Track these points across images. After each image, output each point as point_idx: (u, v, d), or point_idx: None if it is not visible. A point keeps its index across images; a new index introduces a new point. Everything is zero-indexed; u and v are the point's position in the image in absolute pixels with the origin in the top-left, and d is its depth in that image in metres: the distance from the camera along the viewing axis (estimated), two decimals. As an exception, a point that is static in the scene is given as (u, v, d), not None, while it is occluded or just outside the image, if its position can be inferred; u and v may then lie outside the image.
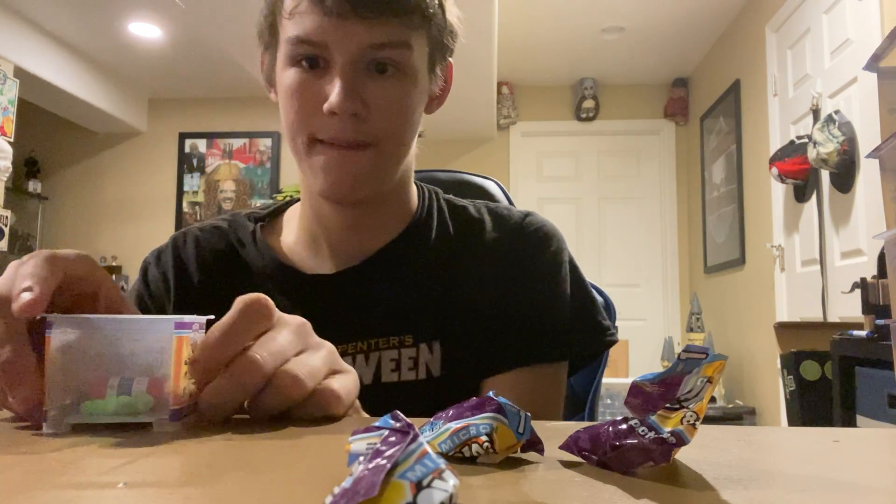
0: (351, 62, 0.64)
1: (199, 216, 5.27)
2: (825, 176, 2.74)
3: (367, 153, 0.66)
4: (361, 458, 0.25)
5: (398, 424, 0.27)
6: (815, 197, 2.85)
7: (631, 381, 0.35)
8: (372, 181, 0.68)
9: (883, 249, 1.74)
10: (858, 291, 1.81)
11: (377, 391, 0.69)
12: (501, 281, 0.74)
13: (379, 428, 0.28)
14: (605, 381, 1.08)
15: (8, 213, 3.78)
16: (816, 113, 2.80)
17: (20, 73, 3.87)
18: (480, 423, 0.35)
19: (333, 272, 0.74)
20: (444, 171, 1.06)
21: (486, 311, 0.73)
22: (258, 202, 5.18)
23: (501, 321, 0.72)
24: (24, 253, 5.49)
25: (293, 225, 0.79)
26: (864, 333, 1.73)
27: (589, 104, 4.86)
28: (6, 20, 3.82)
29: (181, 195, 5.29)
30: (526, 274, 0.75)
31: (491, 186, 1.06)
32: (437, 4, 0.67)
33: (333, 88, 0.63)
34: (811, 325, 2.50)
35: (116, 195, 5.32)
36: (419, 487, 0.23)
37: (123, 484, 0.31)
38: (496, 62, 3.76)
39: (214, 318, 0.51)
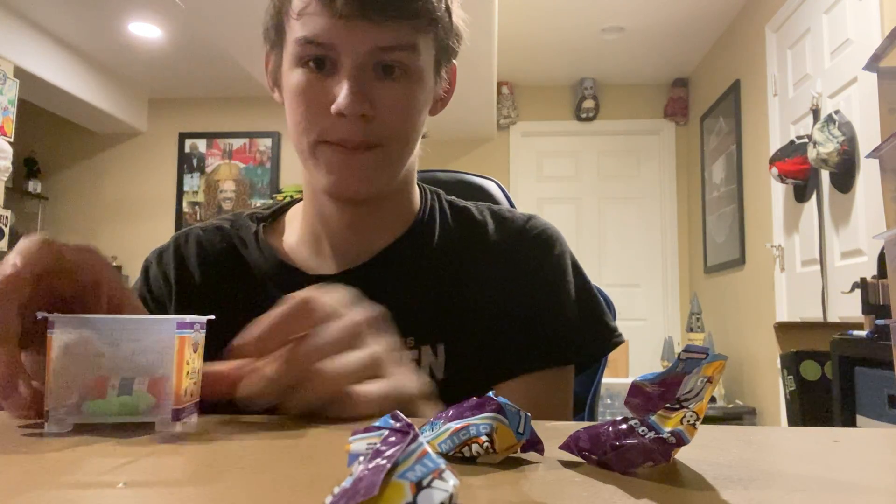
0: (359, 64, 0.64)
1: (199, 216, 5.27)
2: (825, 176, 2.73)
3: (373, 153, 0.66)
4: (361, 458, 0.25)
5: (398, 424, 0.27)
6: (815, 197, 2.85)
7: (631, 381, 0.35)
8: (378, 180, 0.69)
9: (883, 249, 1.74)
10: (858, 291, 1.81)
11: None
12: (506, 284, 0.74)
13: (379, 428, 0.28)
14: (605, 381, 1.08)
15: (8, 213, 3.78)
16: (816, 113, 2.80)
17: (20, 73, 3.87)
18: (480, 423, 0.35)
19: (336, 272, 0.74)
20: (444, 171, 1.06)
21: (490, 314, 0.72)
22: (258, 202, 5.18)
23: (507, 325, 0.72)
24: (24, 253, 5.52)
25: (295, 225, 0.79)
26: (864, 333, 1.73)
27: (589, 104, 4.86)
28: (6, 20, 3.82)
29: (181, 195, 5.29)
30: (531, 277, 0.75)
31: (491, 187, 1.06)
32: (444, 8, 0.67)
33: (341, 90, 0.63)
34: (811, 325, 2.50)
35: (116, 195, 5.32)
36: (419, 487, 0.23)
37: (123, 484, 0.31)
38: (496, 62, 3.76)
39: (215, 318, 0.51)
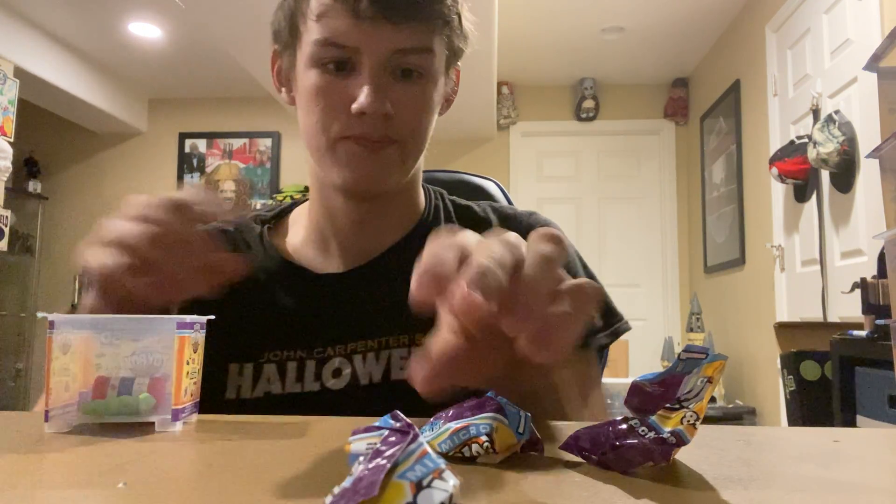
0: (379, 64, 0.65)
1: (199, 216, 5.26)
2: (825, 176, 2.73)
3: (390, 149, 0.68)
4: (361, 458, 0.25)
5: (398, 424, 0.27)
6: (815, 197, 2.85)
7: (631, 381, 0.35)
8: (393, 175, 0.70)
9: (883, 249, 1.74)
10: (858, 291, 1.81)
11: (387, 389, 0.69)
12: None
13: (379, 428, 0.28)
14: (604, 381, 1.08)
15: (8, 213, 3.78)
16: (816, 113, 2.80)
17: (20, 73, 3.87)
18: (480, 423, 0.35)
19: (343, 271, 0.74)
20: (444, 171, 1.06)
21: None
22: (258, 202, 5.18)
23: None
24: (24, 253, 5.46)
25: (300, 226, 0.79)
26: (864, 333, 1.73)
27: (589, 104, 4.86)
28: (6, 20, 3.82)
29: (181, 195, 5.29)
30: None
31: (491, 187, 1.06)
32: (455, 10, 0.69)
33: (361, 90, 0.64)
34: (811, 325, 2.50)
35: (116, 195, 5.31)
36: (419, 487, 0.23)
37: (123, 484, 0.31)
38: (496, 62, 3.75)
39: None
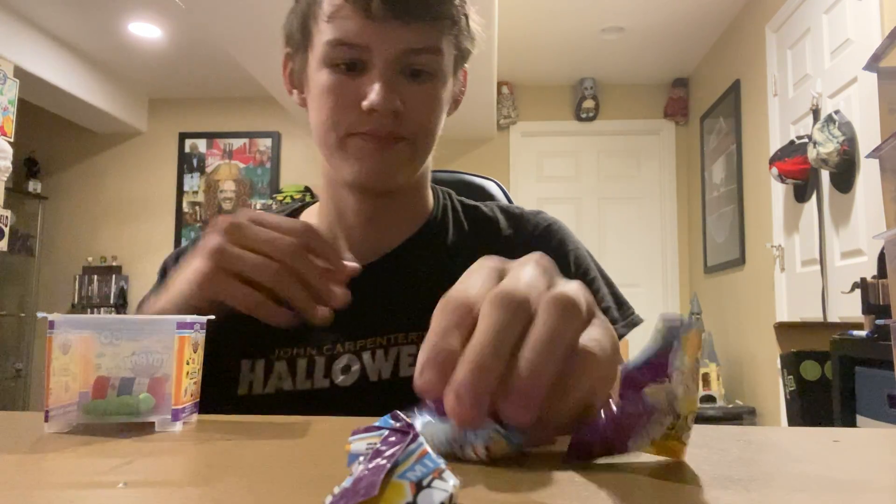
0: (389, 63, 0.66)
1: (199, 216, 5.27)
2: (825, 176, 2.73)
3: (400, 146, 0.69)
4: (361, 458, 0.25)
5: (398, 424, 0.27)
6: (815, 197, 2.85)
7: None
8: (402, 172, 0.72)
9: (883, 249, 1.74)
10: (858, 291, 1.82)
11: (396, 386, 0.70)
12: None
13: (379, 428, 0.28)
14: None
15: (8, 213, 3.78)
16: (816, 113, 2.80)
17: (20, 73, 3.87)
18: (478, 433, 0.34)
19: None
20: (444, 171, 1.06)
21: None
22: (258, 202, 5.19)
23: None
24: (24, 253, 5.45)
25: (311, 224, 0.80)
26: (864, 333, 1.73)
27: (589, 104, 4.86)
28: (6, 20, 3.82)
29: (181, 195, 5.29)
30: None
31: (491, 187, 1.06)
32: (463, 12, 0.71)
33: (372, 87, 0.65)
34: (811, 325, 2.50)
35: (116, 195, 5.32)
36: (419, 487, 0.23)
37: (123, 484, 0.31)
38: (496, 62, 3.75)
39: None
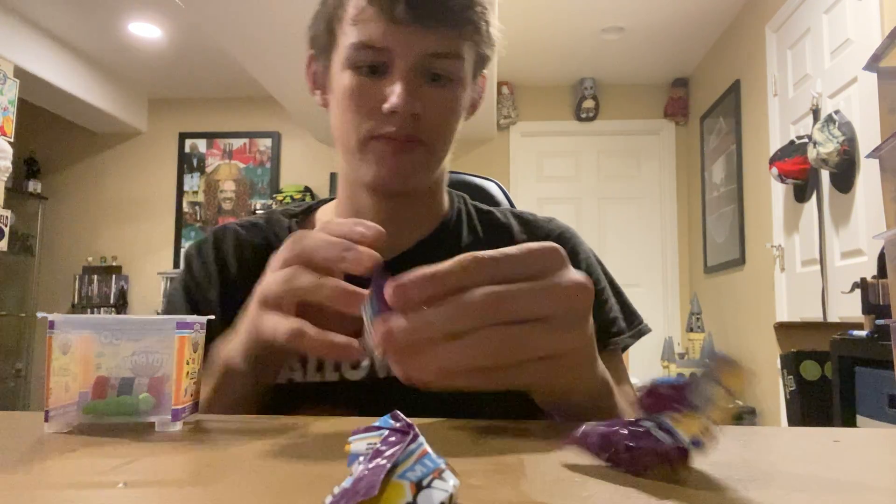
0: (411, 67, 0.68)
1: (199, 216, 5.27)
2: (825, 176, 2.73)
3: (419, 150, 0.71)
4: (361, 458, 0.25)
5: (398, 424, 0.27)
6: (815, 197, 2.85)
7: (633, 381, 0.35)
8: (420, 175, 0.73)
9: (883, 249, 1.74)
10: (858, 291, 1.81)
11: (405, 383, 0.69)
12: None
13: (379, 428, 0.28)
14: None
15: (8, 213, 3.78)
16: (816, 113, 2.80)
17: (20, 73, 3.87)
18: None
19: None
20: (444, 171, 1.06)
21: None
22: (258, 202, 5.19)
23: None
24: (24, 253, 5.45)
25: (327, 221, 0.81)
26: (864, 333, 1.73)
27: (589, 104, 4.86)
28: (6, 20, 3.82)
29: (181, 195, 5.29)
30: None
31: (491, 187, 1.06)
32: (485, 18, 0.72)
33: (394, 90, 0.67)
34: (811, 325, 2.50)
35: (116, 195, 5.32)
36: (419, 487, 0.23)
37: (123, 484, 0.31)
38: (496, 62, 3.75)
39: (214, 318, 0.51)
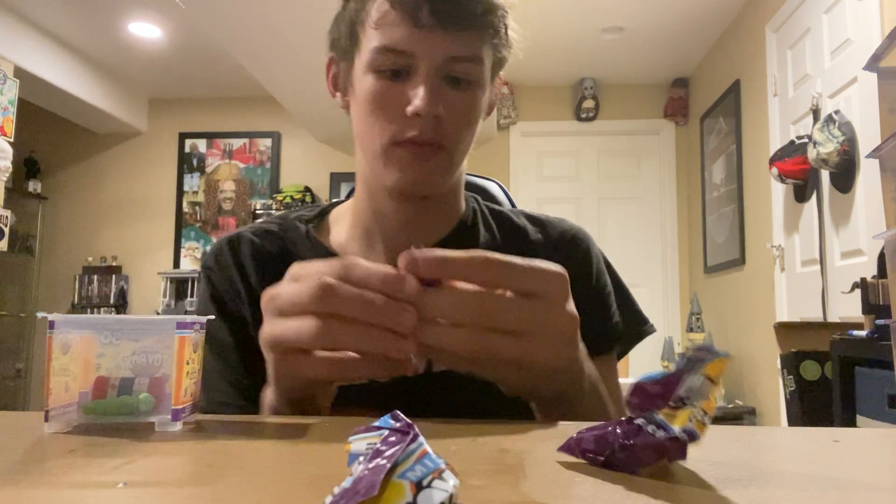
0: (433, 70, 0.69)
1: (199, 216, 5.27)
2: (825, 176, 2.73)
3: (440, 154, 0.72)
4: (361, 458, 0.25)
5: (398, 424, 0.27)
6: (815, 197, 2.85)
7: (630, 380, 0.35)
8: (441, 179, 0.75)
9: (883, 249, 1.74)
10: (858, 291, 1.81)
11: (428, 380, 0.70)
12: None
13: (379, 428, 0.28)
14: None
15: (8, 213, 3.78)
16: (816, 113, 2.80)
17: (20, 73, 3.87)
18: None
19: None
20: (444, 171, 1.05)
21: None
22: (258, 202, 5.19)
23: None
24: (24, 253, 5.46)
25: (343, 224, 0.82)
26: (864, 333, 1.73)
27: (589, 104, 4.85)
28: (6, 20, 3.82)
29: (181, 195, 5.29)
30: (576, 277, 0.81)
31: (492, 188, 1.06)
32: (504, 21, 0.73)
33: (417, 93, 0.68)
34: (811, 325, 2.50)
35: (116, 195, 5.32)
36: (419, 487, 0.23)
37: (123, 484, 0.31)
38: (497, 62, 3.75)
39: (214, 318, 0.51)
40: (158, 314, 4.93)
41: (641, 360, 4.49)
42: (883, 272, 1.80)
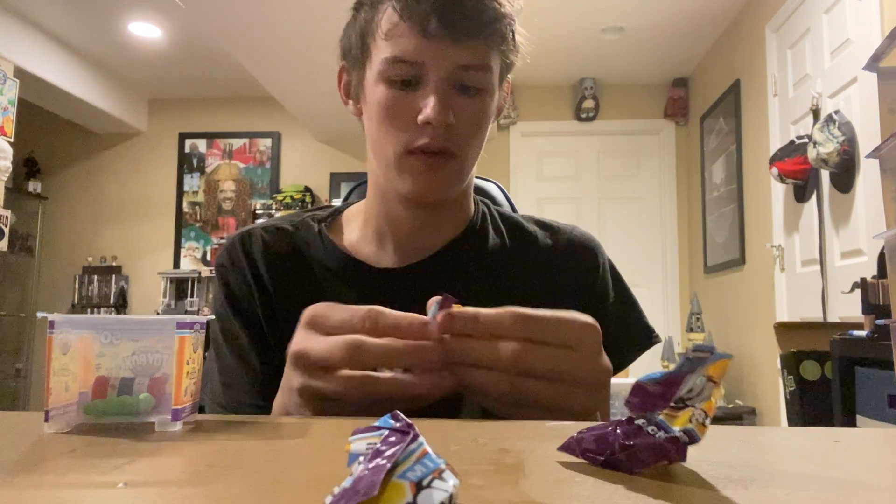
0: (443, 79, 0.70)
1: (199, 216, 5.27)
2: (825, 176, 2.73)
3: (451, 162, 0.74)
4: (361, 458, 0.25)
5: (398, 424, 0.27)
6: (815, 197, 2.85)
7: (631, 380, 0.35)
8: (452, 186, 0.77)
9: (883, 249, 1.74)
10: (858, 291, 1.81)
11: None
12: (554, 287, 0.81)
13: (379, 428, 0.28)
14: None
15: (8, 213, 3.78)
16: (816, 113, 2.80)
17: (20, 73, 3.87)
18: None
19: (399, 266, 0.79)
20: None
21: None
22: (258, 202, 5.19)
23: None
24: (24, 253, 5.46)
25: (355, 225, 0.84)
26: (864, 333, 1.73)
27: (589, 104, 4.85)
28: (6, 20, 3.82)
29: (181, 195, 5.29)
30: (579, 282, 0.82)
31: (492, 188, 1.06)
32: (511, 28, 0.75)
33: (428, 102, 0.69)
34: (811, 325, 2.50)
35: (116, 195, 5.32)
36: (419, 487, 0.23)
37: (123, 484, 0.31)
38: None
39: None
40: (158, 314, 4.93)
41: (641, 360, 4.45)
42: (883, 272, 1.80)
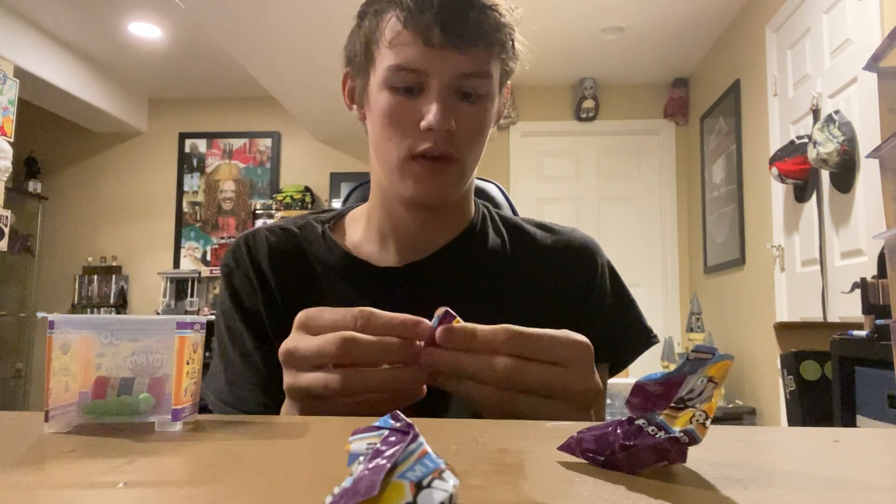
0: (445, 86, 0.72)
1: (199, 216, 5.27)
2: (825, 176, 2.73)
3: (452, 167, 0.75)
4: (361, 458, 0.25)
5: (398, 424, 0.27)
6: (815, 197, 2.85)
7: (632, 381, 0.35)
8: (453, 190, 0.78)
9: (883, 249, 1.74)
10: (858, 291, 1.81)
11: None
12: (553, 288, 0.83)
13: (379, 428, 0.28)
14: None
15: (8, 213, 3.78)
16: (816, 113, 2.80)
17: (20, 73, 3.87)
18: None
19: (401, 265, 0.81)
20: (444, 171, 1.06)
21: (537, 315, 0.75)
22: (258, 202, 5.19)
23: (552, 326, 0.76)
24: (24, 253, 5.46)
25: (358, 226, 0.86)
26: (864, 333, 1.72)
27: (589, 104, 4.85)
28: (6, 20, 3.82)
29: (181, 195, 5.29)
30: (578, 283, 0.84)
31: (492, 189, 1.06)
32: (511, 36, 0.76)
33: (430, 109, 0.71)
34: (811, 325, 2.50)
35: (116, 195, 5.32)
36: (419, 487, 0.23)
37: (123, 484, 0.31)
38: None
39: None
40: (158, 314, 4.93)
41: (641, 360, 4.44)
42: (883, 272, 1.80)
